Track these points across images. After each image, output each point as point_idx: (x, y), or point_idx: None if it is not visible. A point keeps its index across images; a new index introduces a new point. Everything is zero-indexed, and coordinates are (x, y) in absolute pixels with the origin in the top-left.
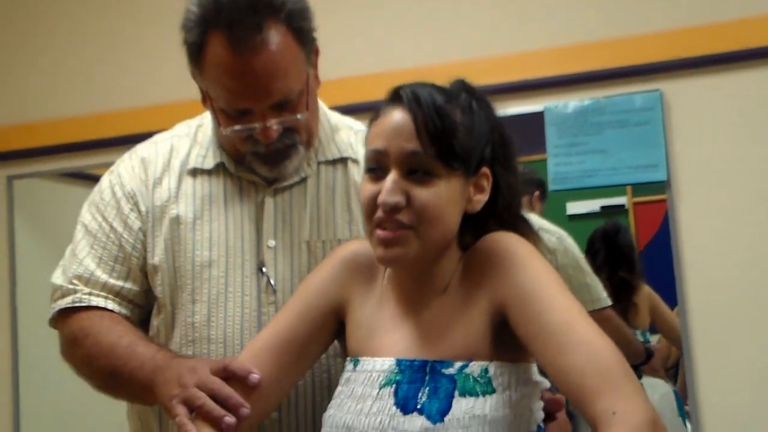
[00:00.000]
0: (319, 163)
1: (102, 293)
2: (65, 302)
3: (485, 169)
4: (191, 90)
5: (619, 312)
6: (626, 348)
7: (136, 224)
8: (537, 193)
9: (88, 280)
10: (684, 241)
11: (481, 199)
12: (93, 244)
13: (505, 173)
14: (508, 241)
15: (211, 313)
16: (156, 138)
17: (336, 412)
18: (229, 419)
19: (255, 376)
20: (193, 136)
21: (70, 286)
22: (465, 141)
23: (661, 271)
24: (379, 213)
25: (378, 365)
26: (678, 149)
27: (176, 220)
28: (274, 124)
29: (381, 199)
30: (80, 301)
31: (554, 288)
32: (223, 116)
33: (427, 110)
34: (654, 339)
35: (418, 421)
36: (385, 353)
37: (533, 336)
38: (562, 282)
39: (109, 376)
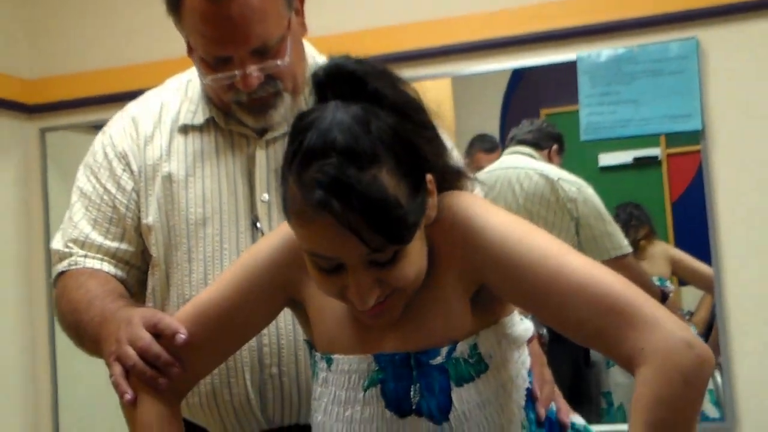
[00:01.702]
0: None
1: (98, 255)
2: (62, 266)
3: (428, 177)
4: None
5: None
6: (645, 292)
7: (128, 185)
8: (555, 146)
9: (83, 243)
10: (718, 193)
11: (434, 201)
12: (87, 207)
13: (432, 150)
14: (457, 207)
15: (208, 271)
16: (147, 95)
17: (325, 419)
18: (162, 381)
19: (181, 336)
20: (183, 91)
21: (66, 250)
22: (409, 205)
23: (694, 224)
24: (356, 305)
25: (355, 364)
26: (713, 98)
27: (168, 179)
28: (254, 71)
29: (359, 306)
30: (76, 264)
31: (525, 236)
32: (204, 65)
33: (361, 210)
34: (682, 290)
35: (420, 423)
36: (359, 349)
37: (525, 298)
38: (530, 225)
39: (73, 331)
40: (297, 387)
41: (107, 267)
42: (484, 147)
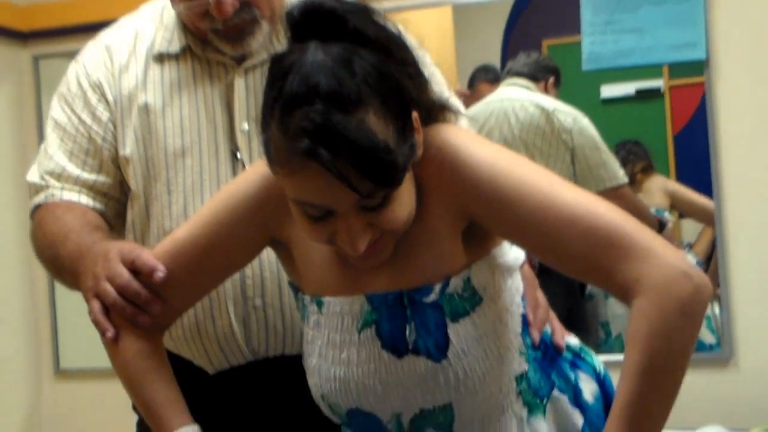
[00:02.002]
0: None
1: (75, 187)
2: (39, 199)
3: (414, 115)
4: None
5: None
6: (641, 222)
7: (104, 115)
8: (552, 79)
9: (60, 176)
10: (721, 124)
11: (420, 139)
12: (63, 138)
13: (415, 86)
14: (442, 141)
15: (187, 203)
16: (120, 22)
17: (321, 362)
18: (143, 318)
19: (159, 274)
20: (158, 18)
21: (42, 182)
22: (398, 147)
23: (696, 156)
24: (347, 249)
25: (347, 306)
26: (719, 27)
27: (145, 109)
28: None
29: (352, 251)
30: (53, 197)
31: (515, 171)
32: None
33: (350, 157)
34: (683, 222)
35: (418, 362)
36: (349, 290)
37: (517, 233)
38: (518, 157)
39: (51, 266)
40: (282, 318)
41: (85, 199)
42: (488, 78)
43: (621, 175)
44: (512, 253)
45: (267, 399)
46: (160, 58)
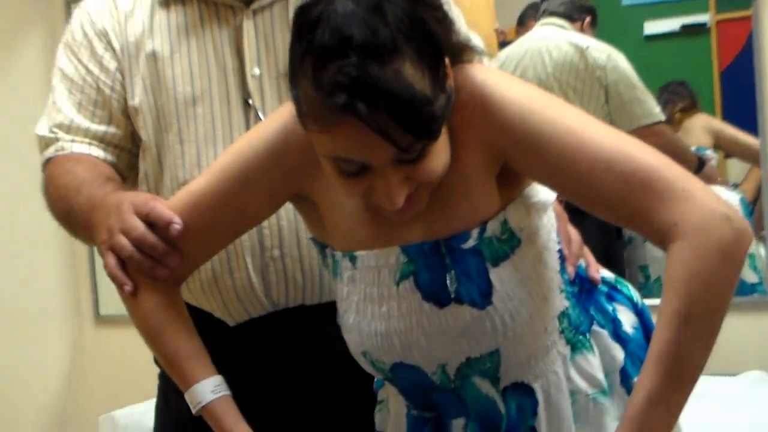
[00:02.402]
0: None
1: (85, 140)
2: (49, 152)
3: (446, 61)
4: None
5: None
6: (679, 160)
7: (112, 64)
8: (588, 19)
9: (69, 128)
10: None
11: (452, 83)
12: (71, 89)
13: (444, 30)
14: (472, 81)
15: (200, 152)
16: None
17: (359, 318)
18: (160, 271)
19: (176, 226)
20: None
21: (52, 135)
22: (436, 97)
23: (743, 94)
24: (382, 204)
25: (382, 259)
26: None
27: (153, 56)
28: None
29: (390, 206)
30: (63, 149)
31: (547, 111)
32: None
33: (388, 110)
34: (728, 162)
35: (462, 311)
36: (383, 243)
37: (550, 175)
38: (550, 97)
39: (64, 219)
40: (300, 268)
41: (96, 151)
42: (537, 15)
43: (656, 112)
44: (544, 192)
45: (288, 349)
46: (166, 2)
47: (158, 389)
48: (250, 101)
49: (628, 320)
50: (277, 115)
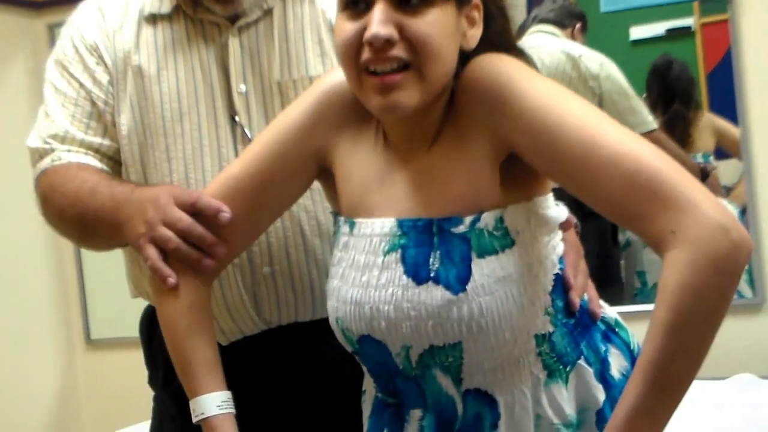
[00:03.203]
0: None
1: (81, 149)
2: (45, 164)
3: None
4: None
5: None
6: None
7: (104, 78)
8: (578, 25)
9: (63, 138)
10: (747, 61)
11: (476, 33)
12: (64, 103)
13: (499, 16)
14: (494, 66)
15: (188, 170)
16: None
17: (341, 284)
18: (208, 262)
19: (225, 215)
20: None
21: (46, 146)
22: None
23: (730, 95)
24: (367, 53)
25: (377, 228)
26: None
27: (139, 73)
28: None
29: (370, 33)
30: (59, 159)
31: (561, 103)
32: None
33: None
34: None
35: (436, 292)
36: (382, 213)
37: (556, 168)
38: (566, 91)
39: (78, 223)
40: (291, 285)
41: (93, 161)
42: (528, 22)
43: (649, 121)
44: (554, 210)
45: (282, 367)
46: (153, 19)
47: (153, 412)
48: (237, 118)
49: (618, 364)
50: (306, 95)
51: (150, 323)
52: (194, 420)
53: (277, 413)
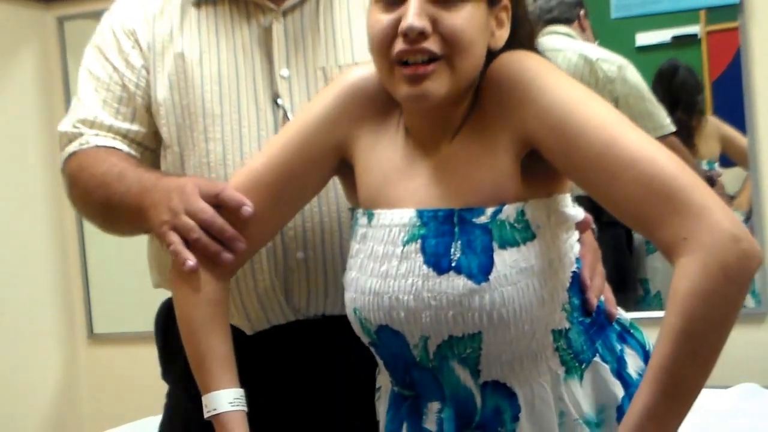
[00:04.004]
0: None
1: (109, 134)
2: (73, 147)
3: (505, 1)
4: None
5: None
6: None
7: (138, 62)
8: (582, 11)
9: (92, 123)
10: (756, 69)
11: (503, 35)
12: (96, 87)
13: (520, 2)
14: (520, 62)
15: (227, 151)
16: None
17: (359, 275)
18: (226, 255)
19: (248, 209)
20: None
21: (75, 130)
22: None
23: (734, 103)
24: (401, 44)
25: (396, 218)
26: None
27: (181, 56)
28: None
29: (405, 24)
30: (87, 143)
31: (584, 103)
32: None
33: None
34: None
35: (458, 281)
36: (402, 204)
37: (575, 166)
38: (590, 93)
39: (103, 207)
40: (324, 272)
41: (121, 146)
42: (536, 24)
43: (667, 124)
44: (572, 209)
45: (305, 361)
46: (197, 3)
47: (165, 407)
48: (279, 101)
49: (634, 364)
50: (330, 88)
51: (167, 316)
52: (206, 415)
53: (296, 407)
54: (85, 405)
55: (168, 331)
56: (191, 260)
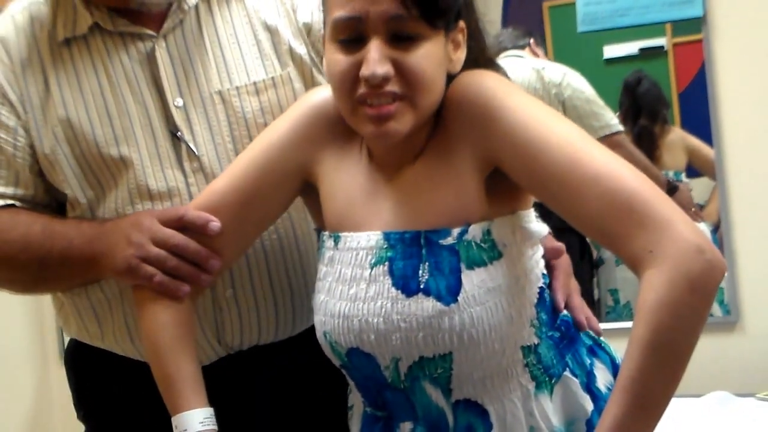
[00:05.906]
0: None
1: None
2: None
3: (461, 23)
4: None
5: None
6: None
7: (10, 120)
8: (531, 40)
9: None
10: (720, 80)
11: (461, 56)
12: None
13: (474, 15)
14: (479, 84)
15: (133, 196)
16: (10, 10)
17: (328, 298)
18: (206, 277)
19: (215, 224)
20: None
21: None
22: None
23: (702, 114)
24: (363, 89)
25: (363, 241)
26: None
27: (62, 104)
28: None
29: (367, 71)
30: None
31: (546, 121)
32: None
33: None
34: (692, 182)
35: (427, 303)
36: (368, 226)
37: (539, 184)
38: (551, 110)
39: (37, 269)
40: (255, 306)
41: (14, 203)
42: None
43: (614, 123)
44: (536, 224)
45: (241, 393)
46: (66, 42)
47: None
48: (179, 134)
49: (603, 378)
50: (292, 110)
51: (75, 358)
52: None
53: None
54: (57, 426)
55: (78, 373)
56: (185, 287)
